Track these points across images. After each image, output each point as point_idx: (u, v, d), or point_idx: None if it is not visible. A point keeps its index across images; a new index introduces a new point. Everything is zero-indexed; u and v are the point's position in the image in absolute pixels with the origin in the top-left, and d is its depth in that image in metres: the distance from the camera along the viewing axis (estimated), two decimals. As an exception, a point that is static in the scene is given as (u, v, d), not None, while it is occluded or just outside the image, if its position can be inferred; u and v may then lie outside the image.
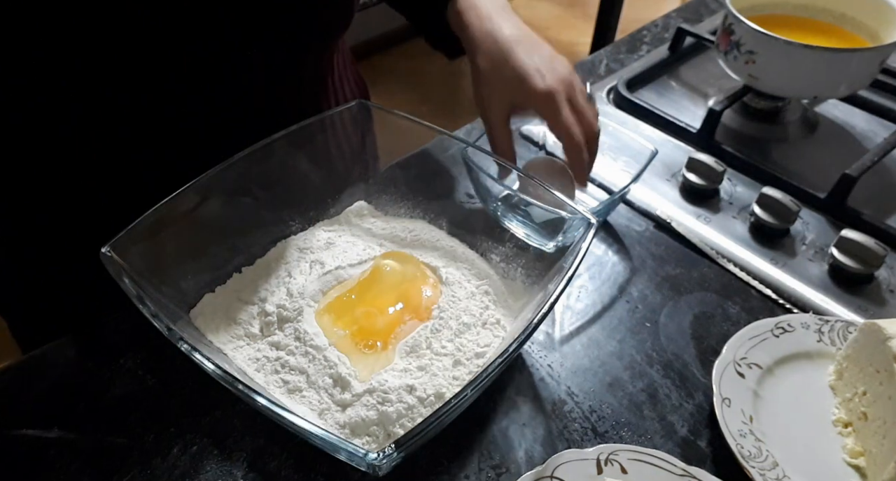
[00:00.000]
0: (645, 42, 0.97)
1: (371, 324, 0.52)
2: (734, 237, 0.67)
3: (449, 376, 0.49)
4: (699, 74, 0.90)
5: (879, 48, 0.72)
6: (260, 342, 0.52)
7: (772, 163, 0.76)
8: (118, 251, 0.47)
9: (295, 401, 0.48)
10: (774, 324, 0.56)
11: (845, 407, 0.53)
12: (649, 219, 0.69)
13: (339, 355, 0.50)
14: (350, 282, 0.57)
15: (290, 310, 0.53)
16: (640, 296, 0.62)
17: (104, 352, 0.55)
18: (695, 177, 0.71)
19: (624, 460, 0.47)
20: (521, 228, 0.61)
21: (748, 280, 0.63)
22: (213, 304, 0.54)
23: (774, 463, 0.48)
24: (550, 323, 0.59)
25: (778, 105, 0.82)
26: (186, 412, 0.51)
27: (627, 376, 0.55)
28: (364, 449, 0.39)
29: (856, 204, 0.68)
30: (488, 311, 0.55)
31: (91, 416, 0.51)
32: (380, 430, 0.46)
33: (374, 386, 0.47)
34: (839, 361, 0.55)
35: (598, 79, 0.89)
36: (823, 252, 0.65)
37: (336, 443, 0.39)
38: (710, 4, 1.07)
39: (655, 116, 0.81)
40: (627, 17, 2.18)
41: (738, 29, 0.75)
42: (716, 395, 0.51)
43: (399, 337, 0.52)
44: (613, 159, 0.70)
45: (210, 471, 0.48)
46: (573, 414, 0.52)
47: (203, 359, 0.42)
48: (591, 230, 0.50)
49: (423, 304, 0.54)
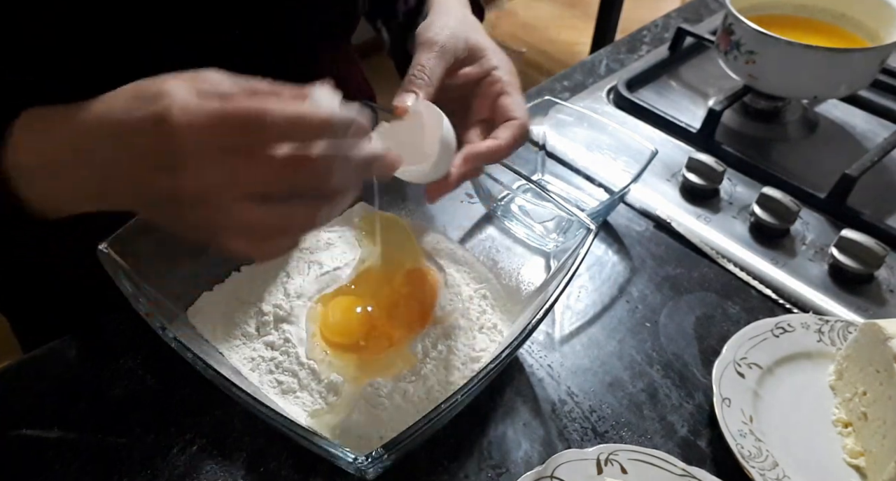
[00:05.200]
0: (645, 42, 0.97)
1: (367, 327, 0.52)
2: (734, 237, 0.67)
3: (443, 380, 0.49)
4: (699, 74, 0.90)
5: (879, 48, 0.72)
6: (256, 342, 0.52)
7: (772, 163, 0.76)
8: (116, 249, 0.47)
9: (288, 402, 0.48)
10: (774, 324, 0.56)
11: (845, 407, 0.53)
12: (649, 219, 0.69)
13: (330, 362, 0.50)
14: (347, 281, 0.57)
15: (287, 311, 0.53)
16: (640, 296, 0.62)
17: (104, 352, 0.55)
18: (695, 177, 0.71)
19: (624, 460, 0.47)
20: (521, 229, 0.61)
21: (748, 280, 0.63)
22: (210, 303, 0.54)
23: (774, 463, 0.48)
24: (550, 323, 0.59)
25: (778, 105, 0.82)
26: (186, 412, 0.51)
27: (627, 376, 0.55)
28: (352, 453, 0.38)
29: (856, 204, 0.68)
30: (486, 316, 0.55)
31: (91, 416, 0.51)
32: (372, 433, 0.46)
33: (367, 390, 0.47)
34: (839, 361, 0.55)
35: (598, 79, 0.89)
36: (823, 252, 0.65)
37: (323, 446, 0.39)
38: (710, 4, 1.07)
39: (655, 116, 0.81)
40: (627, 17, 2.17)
41: (738, 29, 0.75)
42: (716, 395, 0.51)
43: (395, 340, 0.52)
44: (613, 159, 0.70)
45: (210, 471, 0.48)
46: (573, 414, 0.52)
47: (195, 358, 0.42)
48: (591, 236, 0.50)
49: (420, 307, 0.54)
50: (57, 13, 0.45)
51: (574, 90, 0.87)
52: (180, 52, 0.53)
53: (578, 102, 0.83)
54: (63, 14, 0.46)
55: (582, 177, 0.72)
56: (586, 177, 0.72)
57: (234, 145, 0.33)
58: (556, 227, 0.58)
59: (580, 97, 0.85)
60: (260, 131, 0.33)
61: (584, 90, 0.86)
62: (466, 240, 0.62)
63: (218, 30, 0.53)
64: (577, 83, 0.88)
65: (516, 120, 0.48)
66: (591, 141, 0.71)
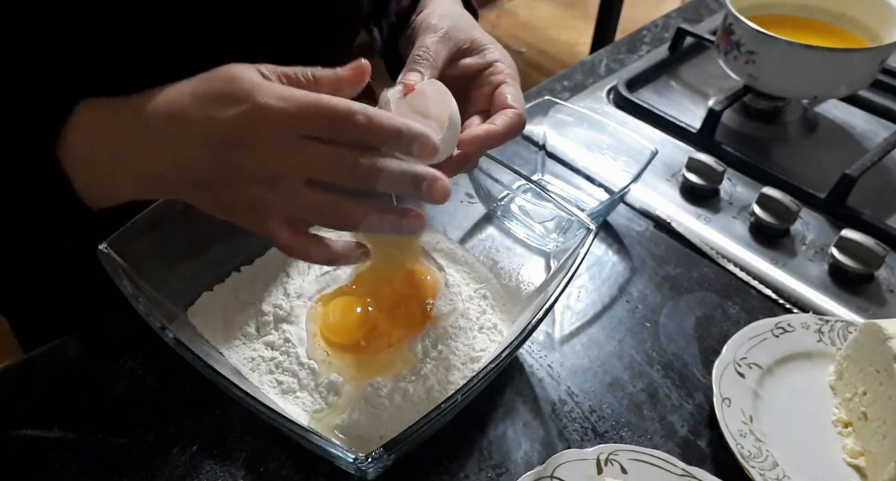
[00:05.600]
0: (645, 42, 0.97)
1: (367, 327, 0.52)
2: (734, 237, 0.67)
3: (443, 380, 0.49)
4: (699, 74, 0.90)
5: (879, 48, 0.72)
6: (256, 342, 0.52)
7: (772, 163, 0.76)
8: (116, 249, 0.47)
9: (289, 402, 0.48)
10: (774, 324, 0.56)
11: (845, 407, 0.53)
12: (649, 219, 0.69)
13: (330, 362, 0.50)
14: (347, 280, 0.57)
15: (287, 311, 0.53)
16: (640, 296, 0.62)
17: (104, 352, 0.55)
18: (695, 177, 0.71)
19: (624, 460, 0.47)
20: (521, 229, 0.61)
21: (748, 280, 0.63)
22: (211, 303, 0.54)
23: (774, 463, 0.48)
24: (550, 323, 0.59)
25: (778, 105, 0.82)
26: (186, 412, 0.51)
27: (627, 376, 0.55)
28: (352, 453, 0.38)
29: (856, 204, 0.68)
30: (486, 316, 0.55)
31: (91, 416, 0.51)
32: (373, 433, 0.46)
33: (367, 390, 0.47)
34: (839, 361, 0.55)
35: (598, 79, 0.89)
36: (823, 252, 0.65)
37: (323, 446, 0.39)
38: (710, 4, 1.07)
39: (655, 116, 0.81)
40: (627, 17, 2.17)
41: (738, 29, 0.75)
42: (716, 395, 0.51)
43: (395, 340, 0.52)
44: (613, 159, 0.70)
45: (210, 471, 0.48)
46: (573, 414, 0.52)
47: (195, 358, 0.42)
48: (591, 236, 0.50)
49: (420, 307, 0.54)
50: (57, 13, 0.45)
51: (574, 90, 0.87)
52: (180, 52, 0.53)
53: (578, 102, 0.83)
54: (63, 14, 0.46)
55: (582, 177, 0.72)
56: (586, 177, 0.72)
57: (318, 134, 0.37)
58: (556, 227, 0.58)
59: (580, 97, 0.85)
60: (344, 126, 0.37)
61: (584, 90, 0.86)
62: (466, 240, 0.62)
63: (218, 30, 0.53)
64: (577, 83, 0.88)
65: (513, 109, 0.48)
66: (591, 141, 0.71)
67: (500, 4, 2.90)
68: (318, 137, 0.37)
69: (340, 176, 0.38)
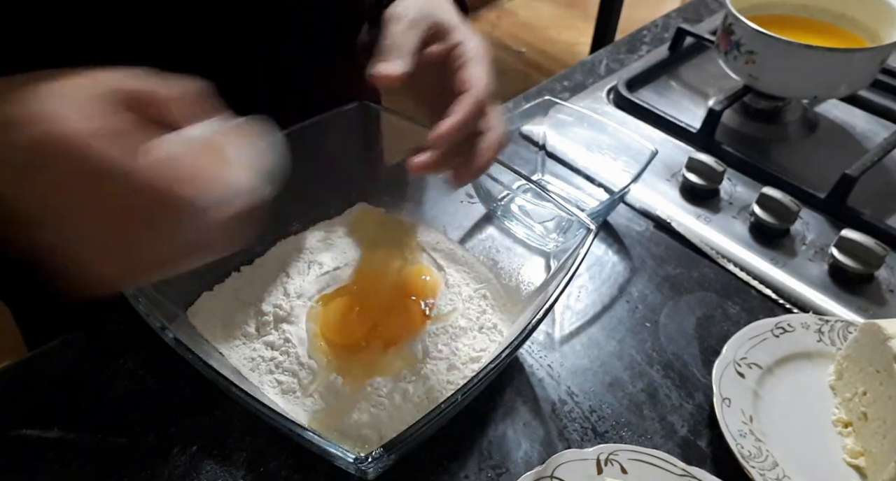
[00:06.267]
0: (645, 42, 0.97)
1: (367, 327, 0.52)
2: (734, 237, 0.67)
3: (443, 380, 0.49)
4: (699, 74, 0.90)
5: (879, 48, 0.72)
6: (256, 342, 0.52)
7: (772, 163, 0.76)
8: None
9: (288, 402, 0.48)
10: (774, 324, 0.56)
11: (845, 407, 0.53)
12: (649, 219, 0.69)
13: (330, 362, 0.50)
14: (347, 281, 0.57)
15: (287, 310, 0.53)
16: (640, 296, 0.62)
17: (104, 352, 0.55)
18: (695, 177, 0.71)
19: (624, 460, 0.47)
20: (521, 229, 0.61)
21: (748, 280, 0.63)
22: (210, 303, 0.54)
23: (774, 463, 0.48)
24: (550, 323, 0.59)
25: (778, 105, 0.82)
26: (186, 412, 0.51)
27: (627, 376, 0.55)
28: (352, 453, 0.38)
29: (856, 204, 0.68)
30: (486, 316, 0.55)
31: (91, 416, 0.51)
32: (373, 433, 0.46)
33: (367, 390, 0.47)
34: (839, 361, 0.55)
35: (598, 79, 0.89)
36: (823, 252, 0.65)
37: (323, 446, 0.39)
38: (710, 4, 1.07)
39: (655, 116, 0.81)
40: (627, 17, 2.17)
41: (738, 29, 0.75)
42: (716, 395, 0.51)
43: (396, 340, 0.52)
44: (613, 159, 0.70)
45: (210, 471, 0.48)
46: (573, 414, 0.52)
47: (195, 358, 0.42)
48: (591, 236, 0.50)
49: (420, 307, 0.54)
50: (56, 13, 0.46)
51: (574, 90, 0.87)
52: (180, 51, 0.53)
53: (578, 102, 0.83)
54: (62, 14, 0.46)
55: (582, 177, 0.72)
56: (586, 177, 0.72)
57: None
58: (556, 227, 0.58)
59: (580, 97, 0.85)
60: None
61: (584, 90, 0.86)
62: (466, 240, 0.62)
63: (218, 30, 0.53)
64: (577, 83, 0.88)
65: (468, 91, 0.44)
66: (591, 141, 0.71)
67: (500, 4, 2.90)
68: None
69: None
